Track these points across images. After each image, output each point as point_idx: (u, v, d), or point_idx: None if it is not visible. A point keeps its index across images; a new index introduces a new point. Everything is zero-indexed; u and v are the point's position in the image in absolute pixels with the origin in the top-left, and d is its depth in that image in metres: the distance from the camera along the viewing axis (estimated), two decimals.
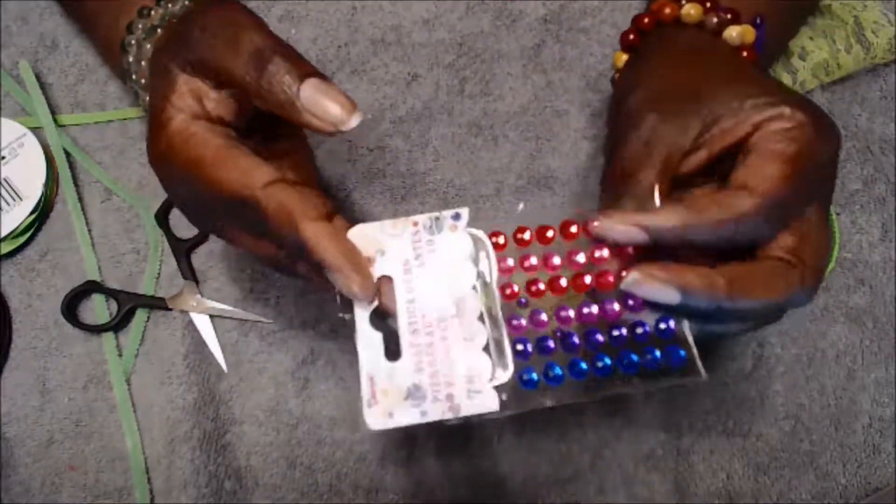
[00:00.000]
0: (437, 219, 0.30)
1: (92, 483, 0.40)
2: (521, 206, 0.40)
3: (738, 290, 0.28)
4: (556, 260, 0.30)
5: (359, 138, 0.44)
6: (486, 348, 0.28)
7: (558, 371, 0.29)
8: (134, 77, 0.36)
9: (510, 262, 0.30)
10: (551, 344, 0.29)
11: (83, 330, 0.42)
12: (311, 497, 0.39)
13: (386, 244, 0.30)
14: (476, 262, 0.30)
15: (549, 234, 0.30)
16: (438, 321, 0.29)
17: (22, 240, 0.43)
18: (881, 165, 0.43)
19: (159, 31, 0.35)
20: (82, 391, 0.41)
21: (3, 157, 0.43)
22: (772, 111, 0.30)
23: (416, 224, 0.30)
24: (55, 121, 0.45)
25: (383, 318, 0.30)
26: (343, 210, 0.43)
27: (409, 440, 0.40)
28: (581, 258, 0.30)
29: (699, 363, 0.29)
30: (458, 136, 0.44)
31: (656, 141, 0.31)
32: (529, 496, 0.39)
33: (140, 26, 0.36)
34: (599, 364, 0.28)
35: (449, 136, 0.44)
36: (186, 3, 0.36)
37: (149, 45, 0.35)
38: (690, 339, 0.29)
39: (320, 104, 0.29)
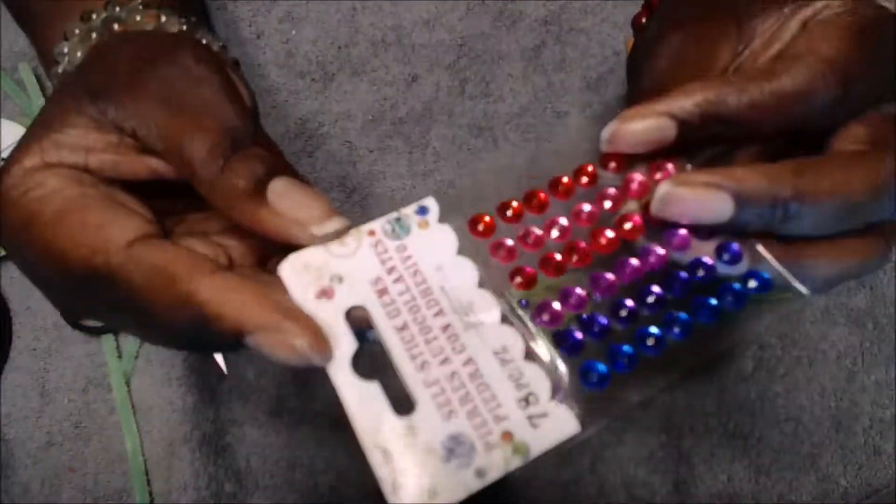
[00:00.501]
0: (399, 219, 0.23)
1: (91, 485, 0.40)
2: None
3: (810, 186, 0.21)
4: (563, 220, 0.23)
5: (359, 140, 0.44)
6: (528, 355, 0.21)
7: (627, 349, 0.21)
8: None
9: (508, 243, 0.23)
10: (603, 320, 0.22)
11: (83, 332, 0.42)
12: (312, 498, 0.39)
13: (341, 267, 0.23)
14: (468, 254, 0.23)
15: (542, 196, 0.23)
16: (450, 342, 0.21)
17: None
18: None
19: (94, 35, 0.28)
20: (82, 393, 0.41)
21: (4, 159, 0.43)
22: (820, 2, 0.24)
23: (372, 233, 0.23)
24: None
25: (361, 338, 0.22)
26: (343, 212, 0.43)
27: None
28: (587, 207, 0.23)
29: (792, 278, 0.21)
30: (459, 137, 0.44)
31: (685, 59, 0.25)
32: (529, 497, 0.39)
33: (77, 31, 0.29)
34: (676, 327, 0.21)
35: (449, 137, 0.44)
36: (139, 7, 0.29)
37: (79, 53, 0.29)
38: (767, 253, 0.22)
39: (288, 202, 0.22)
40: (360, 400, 0.21)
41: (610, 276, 0.22)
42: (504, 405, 0.20)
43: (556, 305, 0.22)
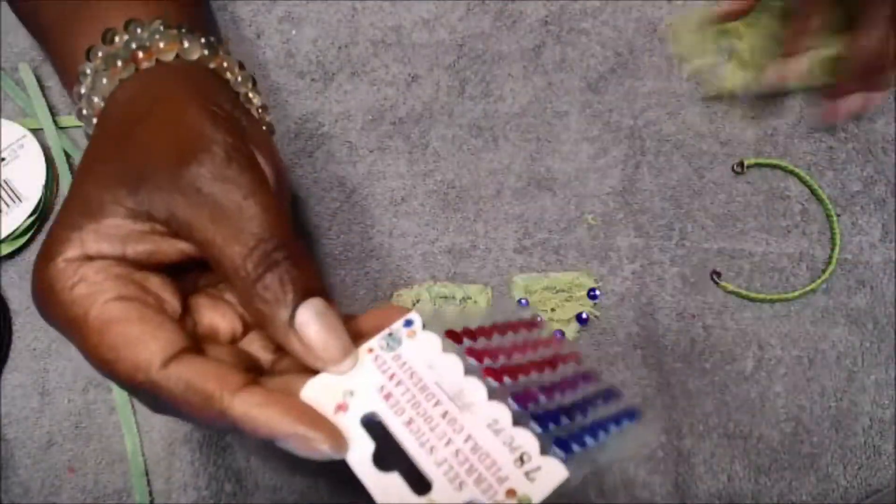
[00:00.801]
0: (391, 335, 0.27)
1: (91, 485, 0.40)
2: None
3: None
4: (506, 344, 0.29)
5: (359, 140, 0.44)
6: (516, 422, 0.25)
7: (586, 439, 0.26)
8: (84, 113, 0.31)
9: (477, 348, 0.28)
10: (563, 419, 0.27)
11: None
12: (312, 498, 0.39)
13: (350, 384, 0.26)
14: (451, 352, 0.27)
15: (487, 329, 0.29)
16: (450, 425, 0.25)
17: (22, 241, 0.43)
18: (881, 166, 0.43)
19: (119, 63, 0.30)
20: (82, 393, 0.41)
21: (4, 159, 0.43)
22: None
23: (371, 350, 0.27)
24: (55, 122, 0.45)
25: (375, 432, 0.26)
26: (343, 212, 0.43)
27: None
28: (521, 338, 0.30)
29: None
30: (459, 137, 0.44)
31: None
32: None
33: (100, 53, 0.30)
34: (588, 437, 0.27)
35: (449, 137, 0.44)
36: (161, 28, 0.31)
37: (105, 80, 0.30)
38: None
39: (313, 337, 0.25)
40: (385, 489, 0.24)
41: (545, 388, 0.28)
42: (504, 468, 0.24)
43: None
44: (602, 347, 0.41)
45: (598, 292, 0.41)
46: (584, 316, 0.41)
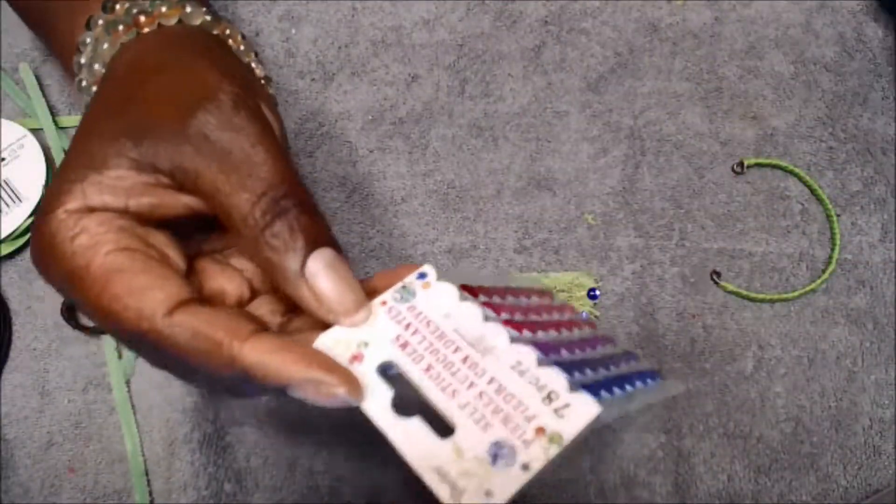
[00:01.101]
0: (404, 287, 0.27)
1: (91, 485, 0.40)
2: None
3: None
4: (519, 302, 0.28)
5: (359, 140, 0.44)
6: (541, 362, 0.24)
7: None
8: (84, 84, 0.30)
9: (495, 301, 0.27)
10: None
11: (83, 332, 0.42)
12: (312, 499, 0.39)
13: (365, 336, 0.26)
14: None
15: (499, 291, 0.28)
16: (471, 369, 0.24)
17: (22, 241, 0.43)
18: (881, 167, 0.43)
19: (121, 27, 0.29)
20: (82, 393, 0.41)
21: (4, 159, 0.43)
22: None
23: (384, 303, 0.27)
24: (55, 122, 0.45)
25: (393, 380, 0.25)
26: (343, 212, 0.43)
27: None
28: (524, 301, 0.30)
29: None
30: (459, 137, 0.44)
31: None
32: (529, 498, 0.39)
33: (101, 22, 0.29)
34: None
35: (449, 137, 0.44)
36: None
37: (106, 45, 0.29)
38: None
39: (325, 287, 0.24)
40: (407, 435, 0.23)
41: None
42: (531, 406, 0.23)
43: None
44: None
45: (598, 292, 0.41)
46: (584, 316, 0.41)
